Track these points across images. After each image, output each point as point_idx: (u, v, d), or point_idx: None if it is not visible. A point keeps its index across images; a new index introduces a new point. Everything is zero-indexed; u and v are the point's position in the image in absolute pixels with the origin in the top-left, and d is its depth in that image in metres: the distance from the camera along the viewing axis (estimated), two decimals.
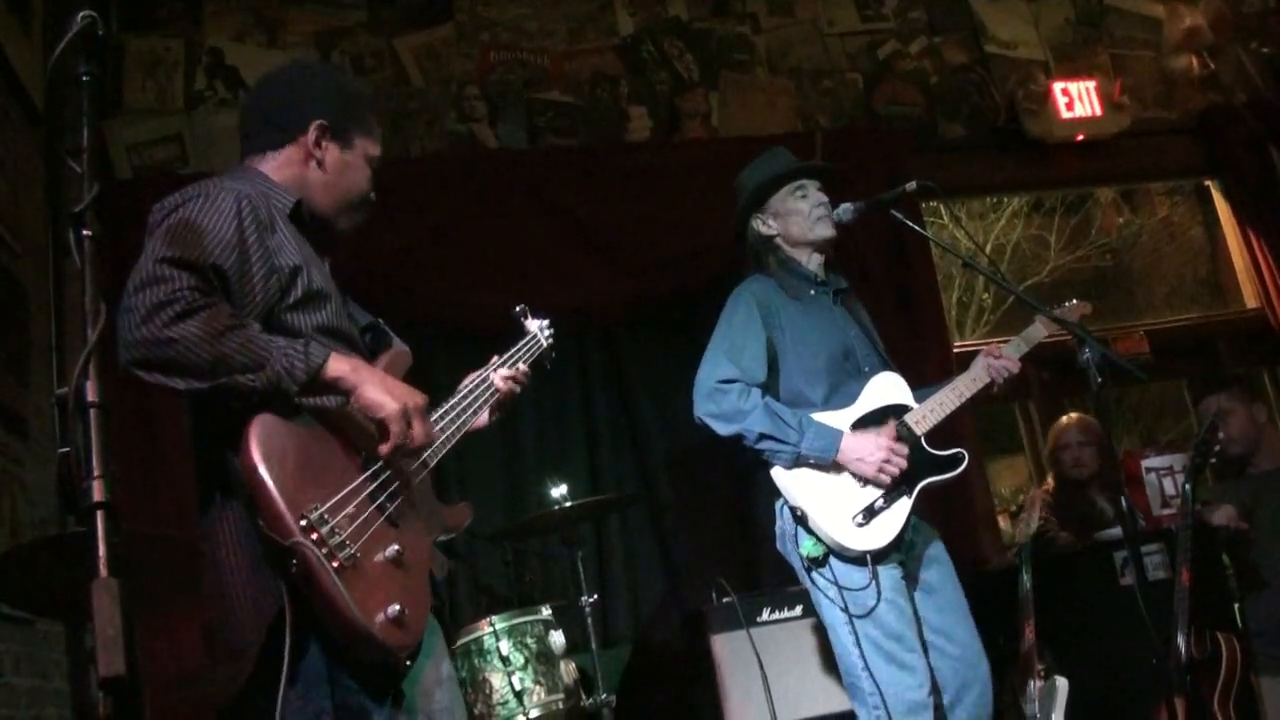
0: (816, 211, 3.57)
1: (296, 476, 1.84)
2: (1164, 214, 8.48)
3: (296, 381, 1.89)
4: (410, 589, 1.97)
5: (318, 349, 1.94)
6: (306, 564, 1.78)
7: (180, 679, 3.90)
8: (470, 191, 4.91)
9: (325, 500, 1.86)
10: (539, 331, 2.83)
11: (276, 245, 2.06)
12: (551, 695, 3.57)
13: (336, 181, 2.30)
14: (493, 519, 4.61)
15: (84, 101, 1.64)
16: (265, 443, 1.83)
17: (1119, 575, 4.19)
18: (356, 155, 2.33)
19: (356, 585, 1.83)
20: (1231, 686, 3.84)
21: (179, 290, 1.84)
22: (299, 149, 2.27)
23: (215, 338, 1.83)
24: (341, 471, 1.96)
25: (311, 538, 1.79)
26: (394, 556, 1.95)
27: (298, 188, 2.25)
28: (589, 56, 5.50)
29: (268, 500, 1.80)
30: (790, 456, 3.31)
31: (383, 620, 1.85)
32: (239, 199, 2.03)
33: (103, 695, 1.30)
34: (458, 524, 2.28)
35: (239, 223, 2.00)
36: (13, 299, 3.87)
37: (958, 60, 5.88)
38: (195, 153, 4.86)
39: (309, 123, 2.27)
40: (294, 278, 2.07)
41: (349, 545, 1.85)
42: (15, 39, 4.06)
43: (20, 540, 3.53)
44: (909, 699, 3.14)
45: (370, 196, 2.38)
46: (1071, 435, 4.96)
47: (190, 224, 1.95)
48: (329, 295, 2.15)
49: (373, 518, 1.96)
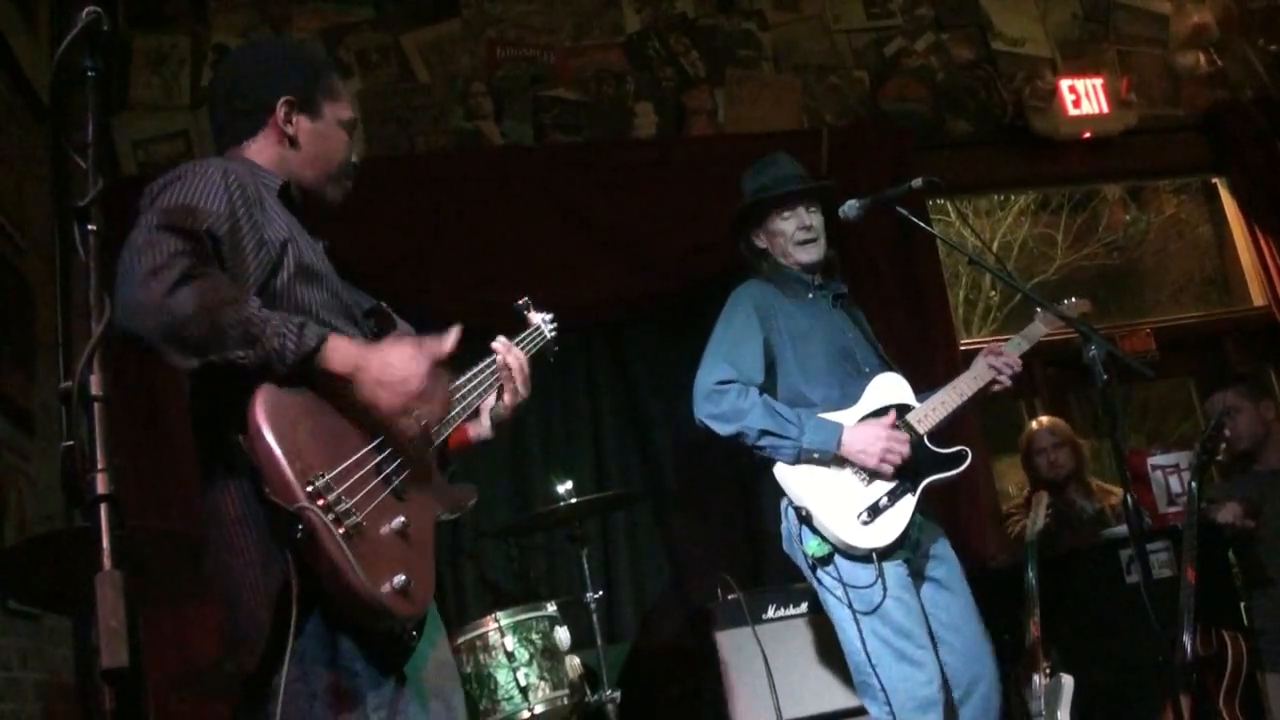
0: (798, 235, 3.59)
1: (303, 443, 1.83)
2: (1171, 211, 8.46)
3: (284, 363, 1.86)
4: (416, 562, 1.95)
5: (313, 332, 1.91)
6: (312, 529, 1.76)
7: (185, 675, 3.91)
8: (476, 188, 4.92)
9: (332, 468, 1.85)
10: (542, 324, 2.81)
11: (265, 219, 2.07)
12: (556, 691, 3.58)
13: (316, 154, 2.29)
14: (498, 515, 4.62)
15: (89, 97, 1.64)
16: (271, 410, 1.82)
17: (1124, 573, 4.18)
18: (328, 123, 2.32)
19: (362, 553, 1.81)
20: (1237, 684, 3.84)
21: (176, 254, 1.83)
22: (272, 131, 2.27)
23: (213, 309, 1.82)
24: (348, 441, 1.95)
25: (318, 504, 1.78)
26: (400, 529, 1.94)
27: (281, 170, 2.24)
28: (595, 53, 5.50)
29: (274, 465, 1.78)
30: (792, 451, 3.31)
31: (388, 590, 1.84)
32: (226, 172, 2.04)
33: (105, 687, 1.31)
34: (463, 503, 2.26)
35: (228, 195, 2.00)
36: (19, 295, 3.87)
37: (964, 57, 5.87)
38: (201, 149, 4.87)
39: (275, 103, 2.26)
40: (284, 250, 2.07)
41: (355, 514, 1.84)
42: (21, 35, 4.07)
43: (27, 535, 3.54)
44: (918, 695, 3.14)
45: (352, 159, 2.36)
46: (1045, 438, 4.97)
47: (182, 197, 1.96)
48: (321, 273, 2.15)
49: (378, 489, 1.95)
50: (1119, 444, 2.97)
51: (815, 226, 3.61)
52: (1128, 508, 2.91)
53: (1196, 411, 6.25)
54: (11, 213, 3.86)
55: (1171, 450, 5.17)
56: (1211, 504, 4.29)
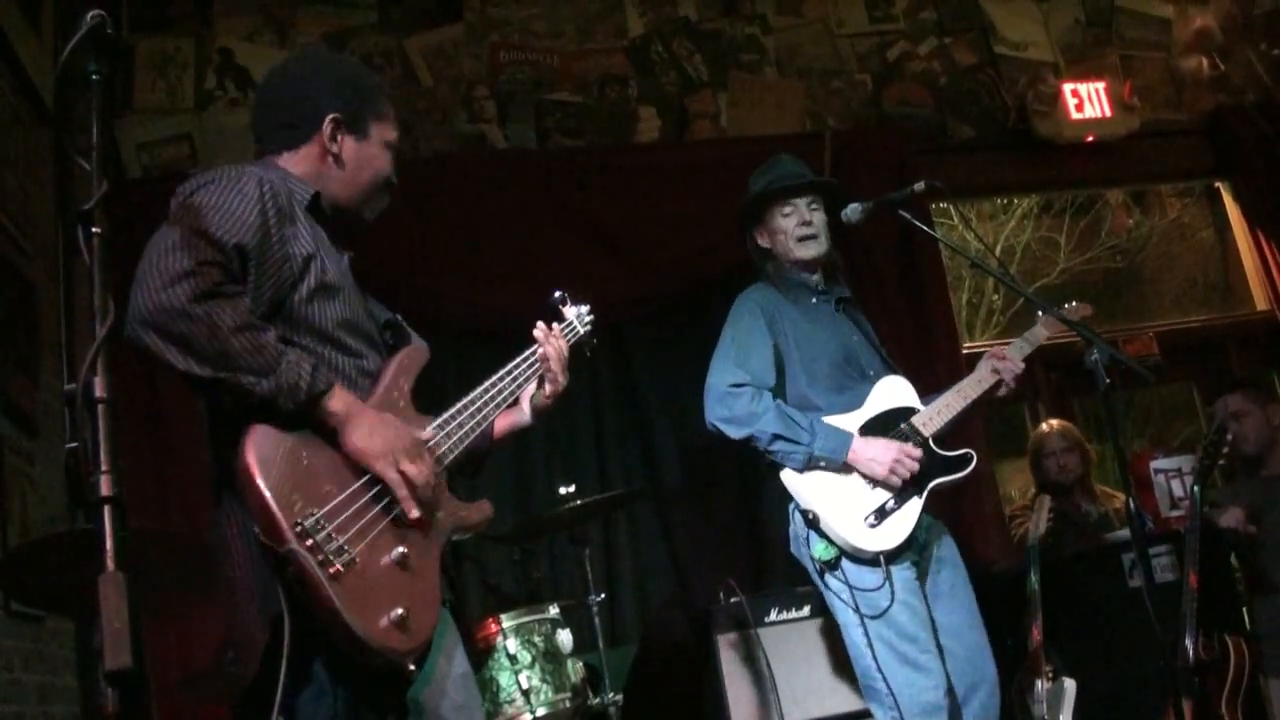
0: (799, 231, 3.59)
1: (292, 483, 1.85)
2: (1174, 215, 8.46)
3: (294, 401, 1.90)
4: (416, 592, 1.96)
5: (324, 377, 1.95)
6: (302, 571, 1.78)
7: (189, 677, 3.91)
8: (479, 192, 4.92)
9: (324, 504, 1.86)
10: (576, 319, 2.80)
11: (292, 234, 2.07)
12: (558, 694, 3.58)
13: (356, 173, 2.30)
14: (501, 517, 4.59)
15: (93, 100, 1.64)
16: (262, 451, 1.84)
17: (1127, 577, 4.17)
18: (374, 143, 2.33)
19: (356, 590, 1.83)
20: (1239, 689, 3.83)
21: (203, 264, 1.85)
22: (315, 146, 2.27)
23: (230, 332, 1.84)
24: (343, 476, 1.96)
25: (306, 544, 1.79)
26: (399, 559, 1.94)
27: (316, 181, 2.24)
28: (598, 57, 5.50)
29: (263, 509, 1.80)
30: (803, 458, 3.32)
31: (385, 625, 1.85)
32: (261, 183, 2.04)
33: (109, 689, 1.31)
34: (478, 521, 2.25)
35: (261, 205, 2.01)
36: (23, 298, 3.88)
37: (967, 61, 5.87)
38: (205, 152, 4.88)
39: (322, 119, 2.26)
40: (307, 266, 2.08)
41: (347, 550, 1.85)
42: (26, 38, 4.08)
43: (30, 537, 3.55)
44: (924, 700, 3.14)
45: (392, 179, 2.37)
46: (1055, 442, 4.96)
47: (215, 202, 1.96)
48: (341, 288, 2.15)
49: (376, 520, 1.96)
50: (1121, 448, 2.98)
51: (816, 224, 3.61)
52: (1130, 512, 2.91)
53: (1199, 416, 6.25)
54: (16, 216, 3.87)
55: (1174, 454, 5.16)
56: (1214, 508, 4.29)
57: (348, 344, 2.12)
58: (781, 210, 3.63)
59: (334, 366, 2.08)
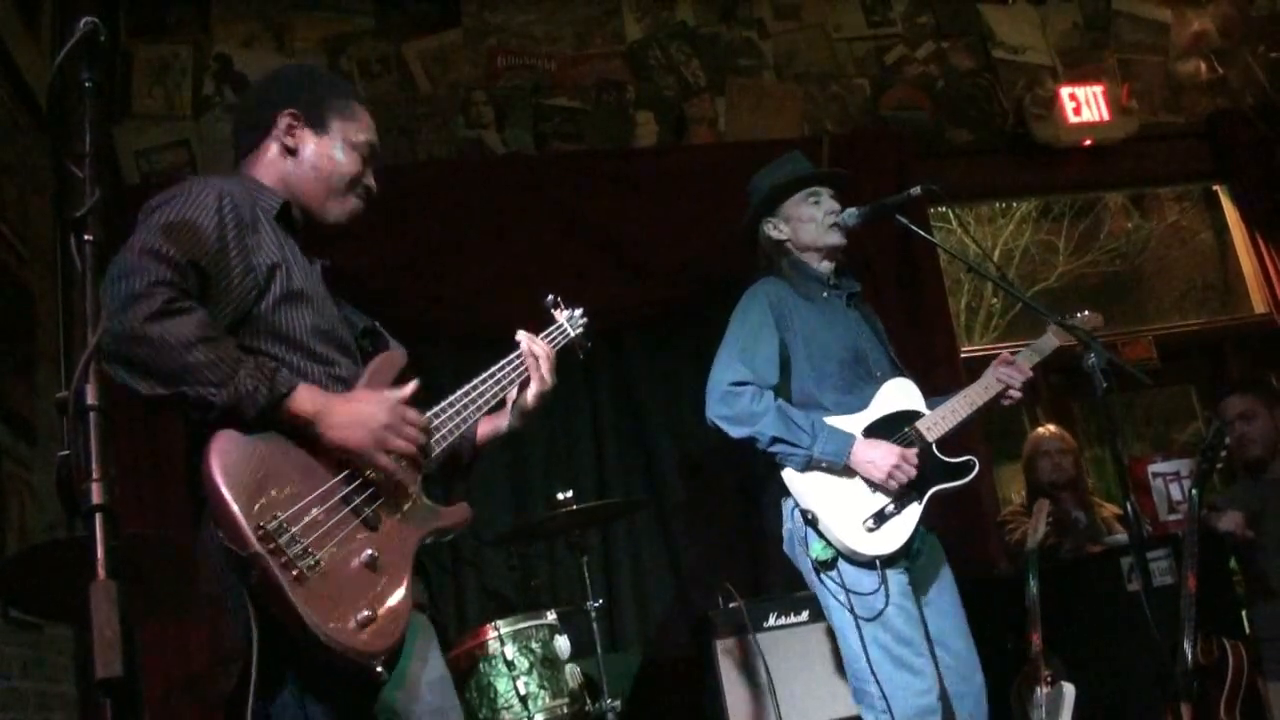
0: (828, 219, 3.58)
1: (256, 487, 1.84)
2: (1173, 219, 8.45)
3: (255, 407, 1.89)
4: (385, 594, 1.95)
5: (284, 379, 1.95)
6: (264, 575, 1.78)
7: (181, 682, 3.91)
8: (477, 197, 4.92)
9: (287, 508, 1.86)
10: (566, 322, 2.79)
11: (255, 244, 2.08)
12: (556, 700, 3.57)
13: (316, 167, 2.31)
14: (499, 522, 4.61)
15: (87, 107, 1.65)
16: (225, 456, 1.84)
17: (1125, 581, 4.17)
18: (334, 139, 2.33)
19: (321, 593, 1.82)
20: (1238, 692, 3.83)
21: (156, 284, 1.85)
22: (273, 143, 2.30)
23: (184, 347, 1.84)
24: (312, 478, 1.95)
25: (269, 547, 1.79)
26: (368, 561, 1.94)
27: (284, 186, 2.27)
28: (596, 62, 5.51)
29: (225, 513, 1.80)
30: (803, 460, 3.31)
31: (352, 627, 1.84)
32: (221, 195, 2.06)
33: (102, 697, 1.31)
34: (454, 524, 2.23)
35: (219, 219, 2.02)
36: (21, 305, 3.88)
37: (965, 65, 5.87)
38: (203, 158, 4.89)
39: (277, 115, 2.29)
40: (272, 275, 2.09)
41: (311, 553, 1.84)
42: (24, 45, 4.08)
43: (28, 544, 3.54)
44: (916, 704, 3.13)
45: (361, 180, 2.36)
46: (1051, 443, 4.97)
47: (171, 219, 1.97)
48: (312, 296, 2.16)
49: (344, 522, 1.95)
50: (1119, 451, 2.97)
51: (838, 212, 3.61)
52: (1128, 515, 2.90)
53: (1198, 419, 6.25)
54: (14, 223, 3.87)
55: (1172, 458, 5.16)
56: (1213, 512, 4.28)
57: (318, 351, 2.13)
58: (809, 199, 3.62)
59: (303, 373, 2.08)
